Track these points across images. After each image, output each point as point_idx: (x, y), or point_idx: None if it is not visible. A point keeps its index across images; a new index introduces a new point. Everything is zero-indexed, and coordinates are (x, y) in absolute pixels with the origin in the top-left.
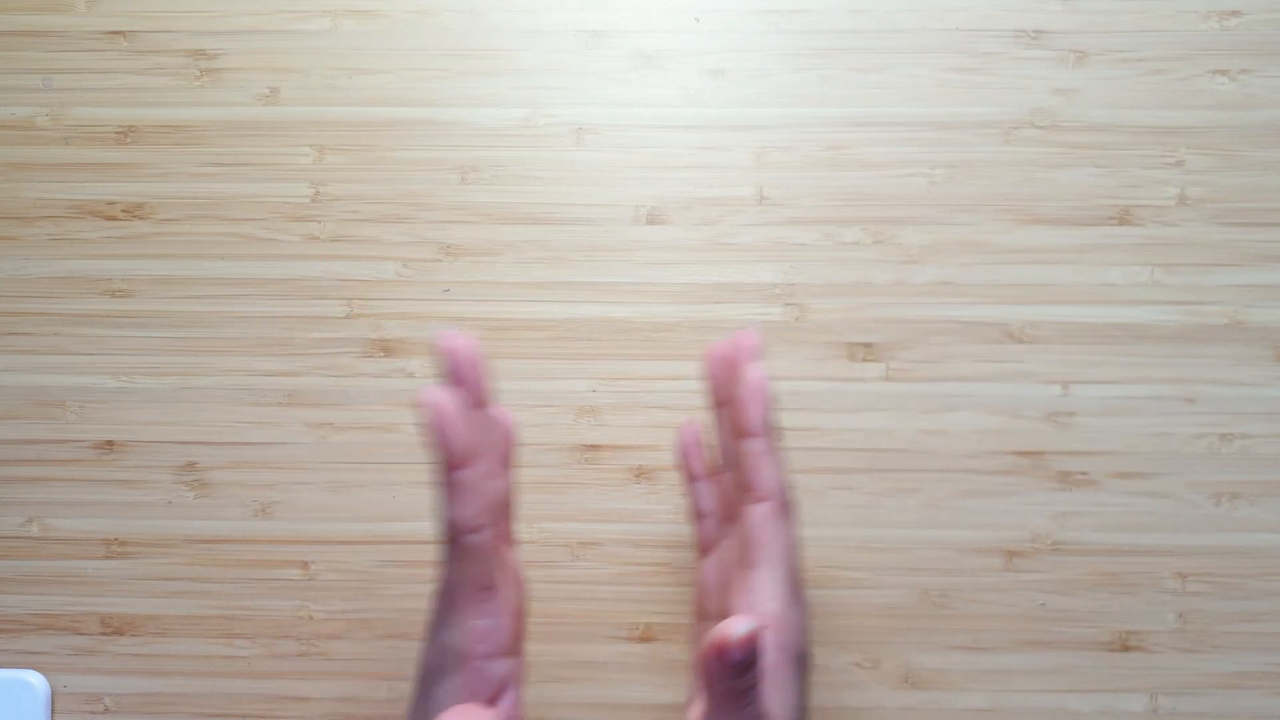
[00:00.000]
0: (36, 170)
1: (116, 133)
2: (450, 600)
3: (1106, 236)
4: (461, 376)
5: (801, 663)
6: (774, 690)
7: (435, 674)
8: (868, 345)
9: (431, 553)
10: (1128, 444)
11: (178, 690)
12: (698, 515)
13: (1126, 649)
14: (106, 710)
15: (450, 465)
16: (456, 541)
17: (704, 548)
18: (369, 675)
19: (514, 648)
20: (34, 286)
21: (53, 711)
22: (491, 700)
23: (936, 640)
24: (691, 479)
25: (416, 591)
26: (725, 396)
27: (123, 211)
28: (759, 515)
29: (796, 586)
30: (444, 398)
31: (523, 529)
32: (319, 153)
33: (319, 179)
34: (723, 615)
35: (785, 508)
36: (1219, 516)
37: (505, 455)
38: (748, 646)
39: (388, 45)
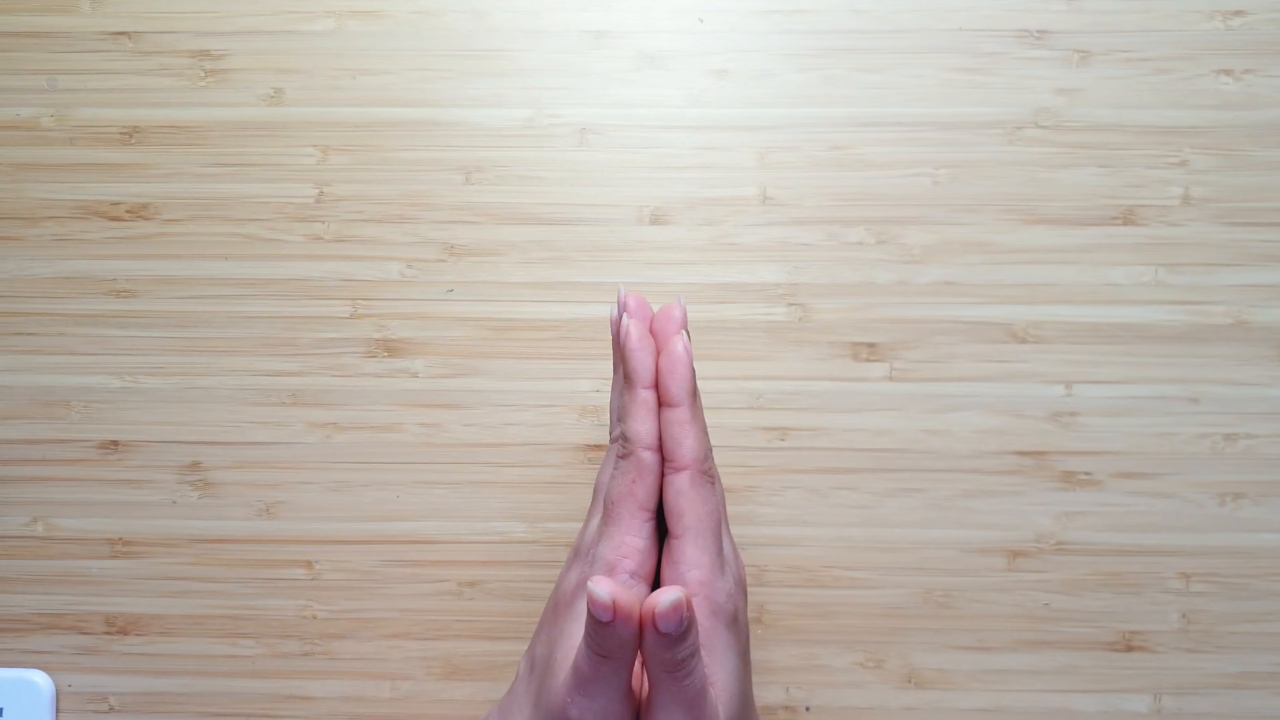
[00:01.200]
0: (41, 171)
1: (121, 133)
2: (612, 514)
3: (1110, 236)
4: (640, 317)
5: (735, 627)
6: (710, 657)
7: (582, 586)
8: (871, 345)
9: (436, 551)
10: (1131, 444)
11: (182, 689)
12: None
13: (1130, 649)
14: (111, 709)
15: (639, 384)
16: (633, 455)
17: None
18: (373, 675)
19: (651, 581)
20: (38, 287)
21: (58, 711)
22: None
23: (940, 640)
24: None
25: (421, 591)
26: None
27: (127, 212)
28: (679, 484)
29: (721, 553)
30: (637, 321)
31: (526, 529)
32: (323, 153)
33: (323, 179)
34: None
35: (705, 475)
36: (1223, 516)
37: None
38: (674, 616)
39: (391, 46)
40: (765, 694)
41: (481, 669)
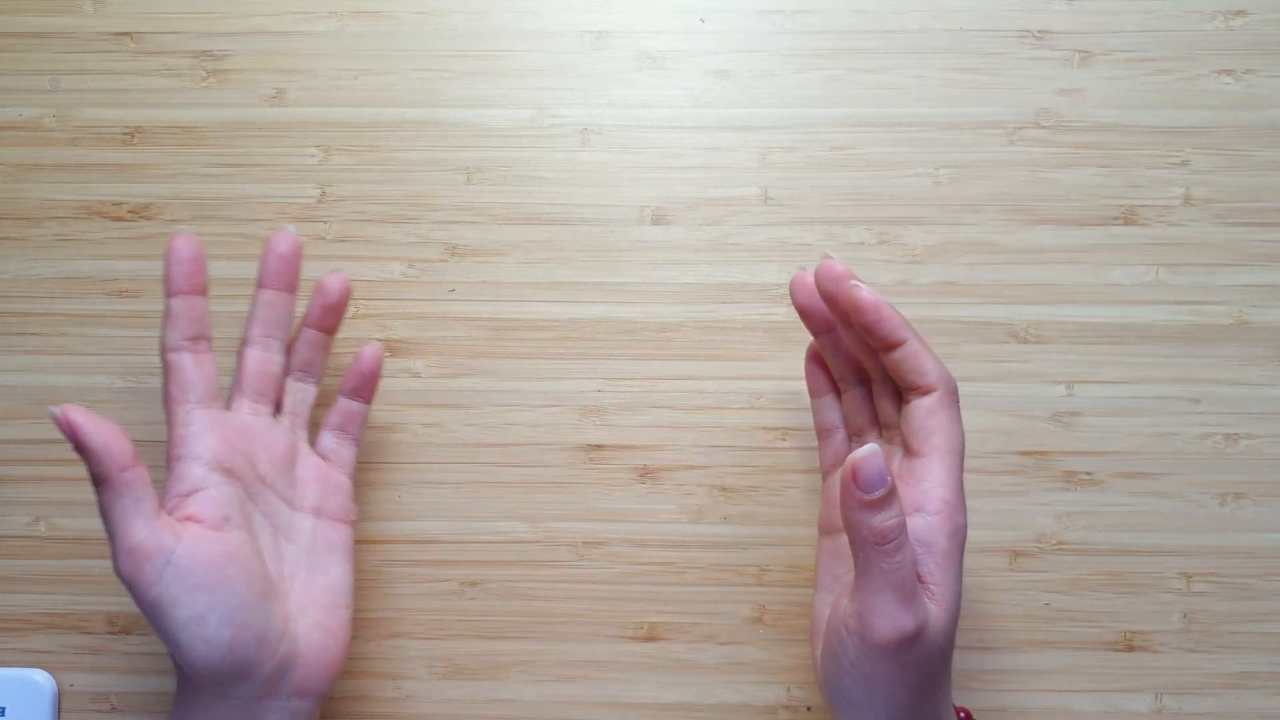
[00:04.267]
0: (43, 171)
1: (123, 133)
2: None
3: (1111, 236)
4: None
5: (962, 560)
6: (943, 575)
7: None
8: None
9: (437, 551)
10: (1132, 444)
11: None
12: (823, 432)
13: (1131, 649)
14: (114, 709)
15: (170, 293)
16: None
17: (829, 465)
18: (374, 675)
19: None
20: (41, 287)
21: (60, 710)
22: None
23: None
24: (816, 395)
25: (422, 591)
26: (831, 322)
27: (130, 212)
28: (929, 404)
29: (962, 481)
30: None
31: (528, 529)
32: (325, 153)
33: (325, 180)
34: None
35: (954, 396)
36: (1224, 516)
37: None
38: (874, 464)
39: (393, 46)
40: (765, 694)
41: (483, 669)
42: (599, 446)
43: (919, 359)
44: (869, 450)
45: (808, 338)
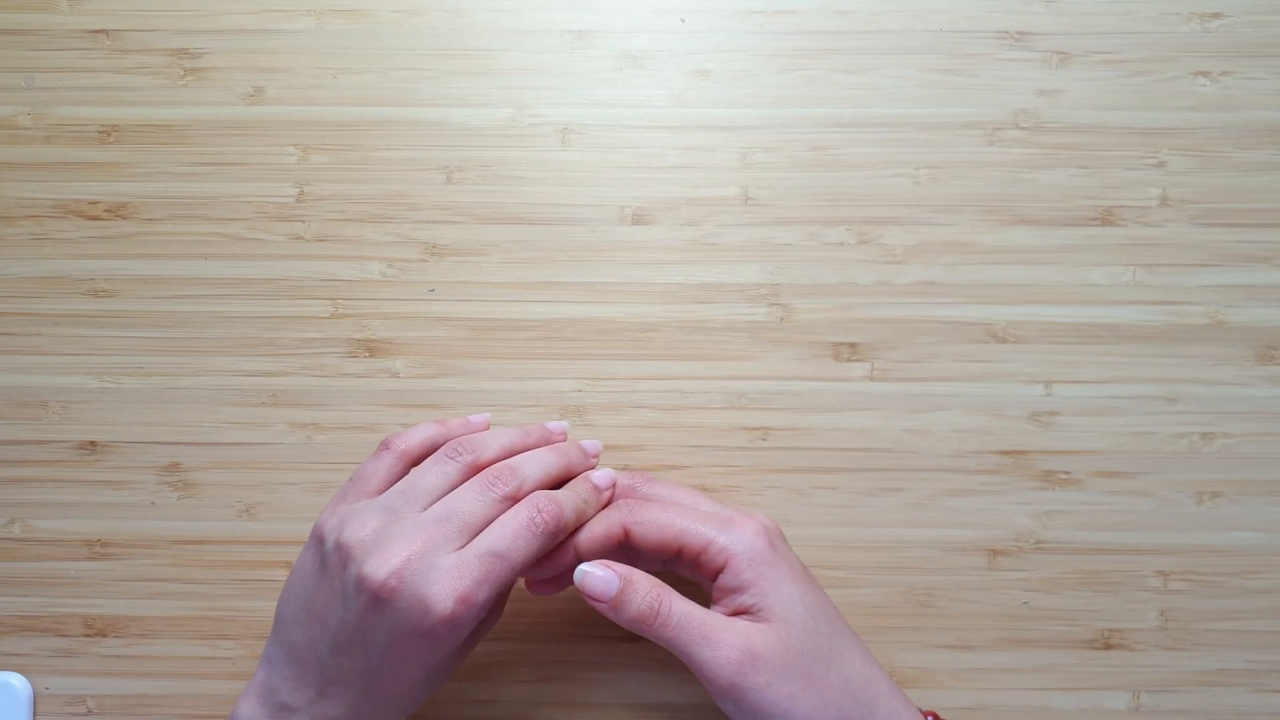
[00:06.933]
0: (18, 170)
1: (99, 132)
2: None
3: (1089, 237)
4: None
5: (776, 556)
6: (763, 593)
7: None
8: (852, 345)
9: None
10: (1110, 443)
11: (161, 691)
12: None
13: (1109, 647)
14: (90, 712)
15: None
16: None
17: None
18: None
19: None
20: (16, 287)
21: (35, 713)
22: None
23: (920, 639)
24: None
25: None
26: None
27: (105, 211)
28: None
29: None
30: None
31: None
32: (303, 152)
33: (303, 179)
34: None
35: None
36: (1200, 515)
37: None
38: (592, 577)
39: (373, 45)
40: None
41: (465, 669)
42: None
43: (591, 540)
44: (581, 572)
45: (788, 338)
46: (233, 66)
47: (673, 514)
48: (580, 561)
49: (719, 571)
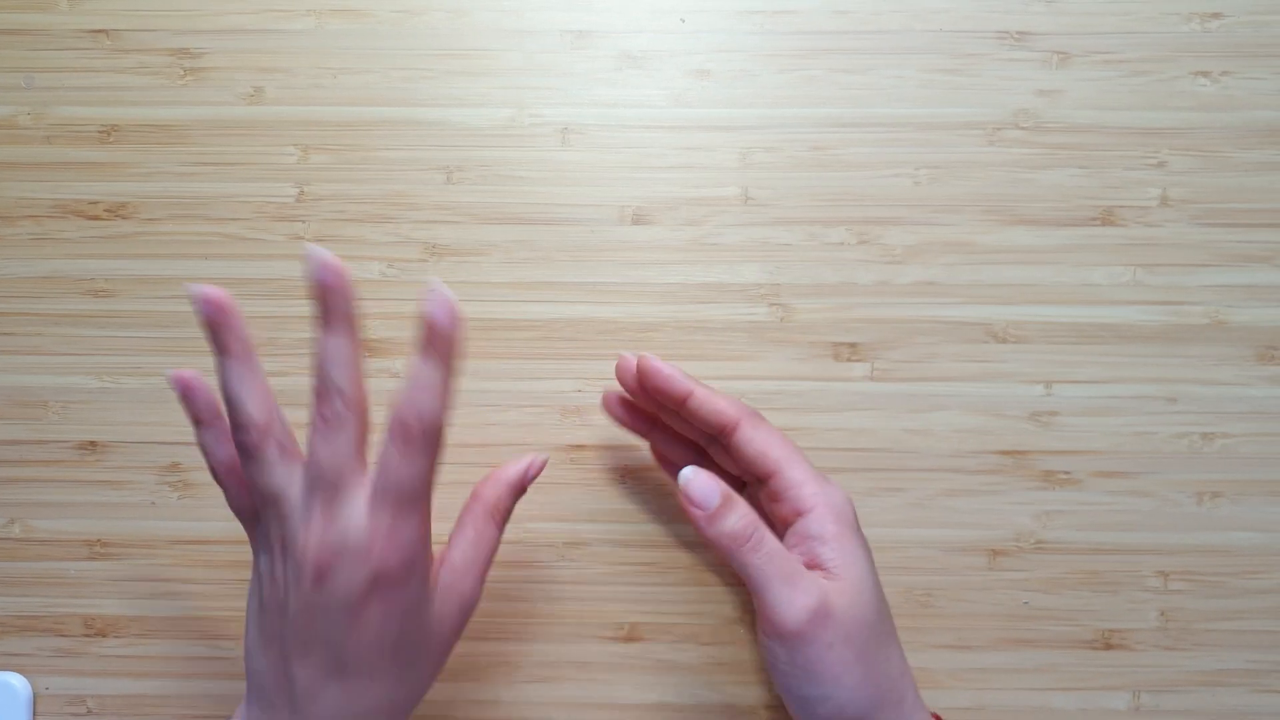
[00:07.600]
0: (18, 169)
1: (99, 132)
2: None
3: (1089, 237)
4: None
5: (860, 535)
6: (840, 556)
7: None
8: (852, 345)
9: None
10: (1110, 443)
11: (161, 692)
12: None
13: (1109, 647)
14: (89, 712)
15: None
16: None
17: None
18: None
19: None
20: (16, 287)
21: (35, 714)
22: None
23: (921, 639)
24: (670, 472)
25: None
26: (654, 416)
27: (106, 211)
28: (744, 433)
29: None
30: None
31: (509, 530)
32: (303, 152)
33: (303, 179)
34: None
35: (758, 417)
36: (1200, 515)
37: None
38: (699, 479)
39: (373, 45)
40: (749, 693)
41: (463, 670)
42: (580, 447)
43: (710, 401)
44: (690, 472)
45: (788, 338)
46: (233, 66)
47: (786, 441)
48: (696, 407)
49: (799, 515)
